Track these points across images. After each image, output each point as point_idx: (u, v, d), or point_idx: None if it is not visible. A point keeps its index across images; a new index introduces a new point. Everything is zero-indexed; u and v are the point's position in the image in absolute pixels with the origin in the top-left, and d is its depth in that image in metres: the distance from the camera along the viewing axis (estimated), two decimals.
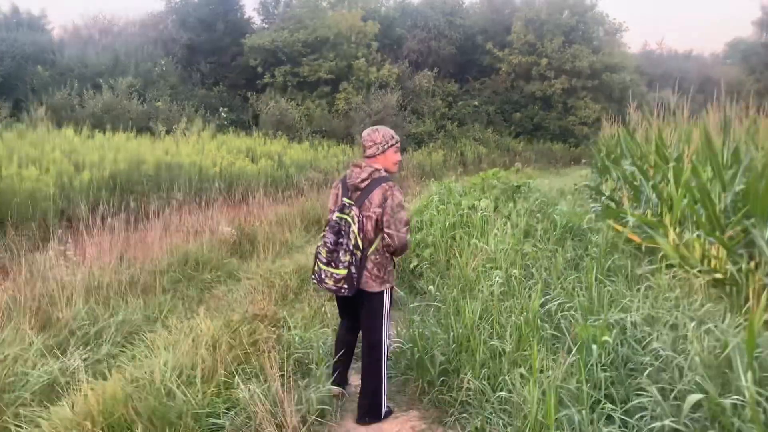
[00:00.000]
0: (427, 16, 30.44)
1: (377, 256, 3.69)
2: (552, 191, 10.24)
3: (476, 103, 29.72)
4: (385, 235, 3.63)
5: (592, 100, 30.52)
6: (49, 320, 4.91)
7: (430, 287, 5.40)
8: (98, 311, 5.15)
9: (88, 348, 4.43)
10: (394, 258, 3.88)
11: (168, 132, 17.34)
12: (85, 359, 4.04)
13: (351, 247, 3.56)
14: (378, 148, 3.80)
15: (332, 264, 3.63)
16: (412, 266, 6.52)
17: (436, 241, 6.45)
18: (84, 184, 9.09)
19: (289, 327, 4.72)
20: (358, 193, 3.69)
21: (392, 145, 3.84)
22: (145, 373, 3.50)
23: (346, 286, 3.61)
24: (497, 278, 4.75)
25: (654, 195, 6.55)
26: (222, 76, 26.72)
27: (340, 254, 3.59)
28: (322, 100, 25.43)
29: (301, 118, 23.26)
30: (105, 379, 3.55)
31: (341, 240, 3.61)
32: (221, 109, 24.00)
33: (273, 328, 4.22)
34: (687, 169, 5.48)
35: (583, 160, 24.32)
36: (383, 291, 3.77)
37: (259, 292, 5.90)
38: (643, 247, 5.55)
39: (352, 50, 26.40)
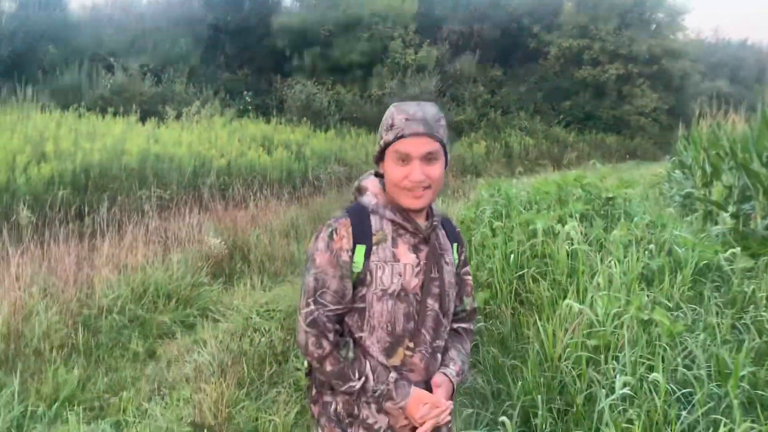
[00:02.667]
0: None
1: None
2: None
3: (522, 89, 27.19)
4: None
5: (650, 88, 27.74)
6: None
7: (480, 382, 3.26)
8: None
9: None
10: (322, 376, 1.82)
11: (178, 117, 15.48)
12: None
13: None
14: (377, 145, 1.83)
15: None
16: None
17: (495, 281, 4.29)
18: (37, 180, 7.17)
19: None
20: None
21: (387, 143, 1.77)
22: None
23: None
24: (620, 385, 2.59)
25: None
26: (248, 59, 24.87)
27: None
28: (354, 84, 23.35)
29: (330, 103, 21.21)
30: None
31: None
32: (245, 93, 22.12)
33: None
34: None
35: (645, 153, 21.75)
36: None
37: (216, 368, 3.83)
38: None
39: (388, 31, 24.23)
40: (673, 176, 10.31)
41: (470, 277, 2.05)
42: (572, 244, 4.14)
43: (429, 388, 1.80)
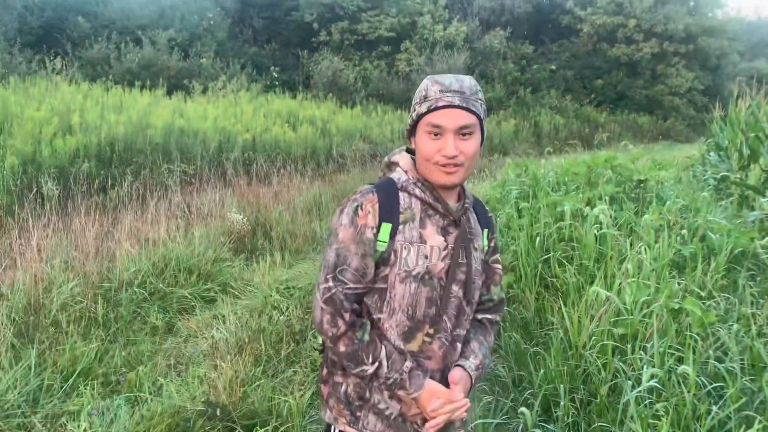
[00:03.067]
0: None
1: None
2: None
3: (553, 67, 26.63)
4: None
5: (685, 67, 26.98)
6: None
7: (500, 369, 3.16)
8: None
9: None
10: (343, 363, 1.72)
11: (205, 91, 15.48)
12: None
13: None
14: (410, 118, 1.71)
15: None
16: None
17: (520, 264, 4.17)
18: (63, 152, 7.18)
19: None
20: None
21: (420, 115, 1.65)
22: None
23: None
24: (648, 377, 2.48)
25: None
26: (275, 33, 24.73)
27: None
28: (381, 60, 23.10)
29: (357, 79, 21.00)
30: None
31: None
32: (272, 68, 22.01)
33: None
34: None
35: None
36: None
37: (234, 345, 3.78)
38: None
39: (417, 6, 23.89)
40: (708, 159, 9.98)
41: (500, 266, 1.93)
42: (601, 228, 4.00)
43: (445, 379, 1.71)
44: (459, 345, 1.77)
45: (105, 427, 2.86)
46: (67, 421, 2.96)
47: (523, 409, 2.48)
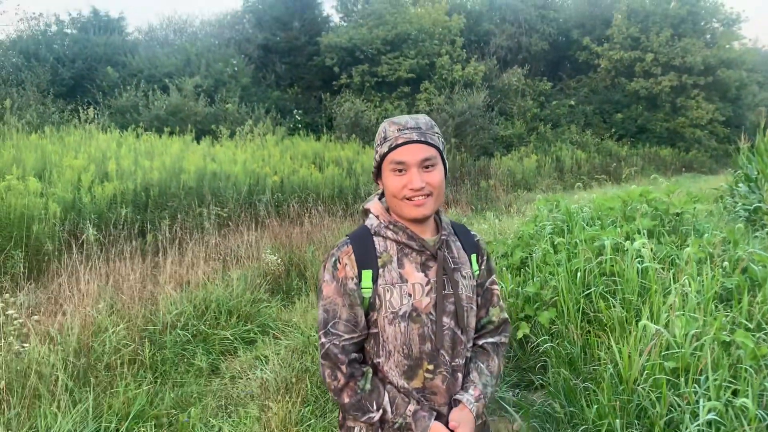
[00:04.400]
0: (518, 9, 27.90)
1: None
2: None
3: (572, 102, 26.78)
4: None
5: (705, 99, 26.96)
6: None
7: (553, 403, 3.16)
8: None
9: None
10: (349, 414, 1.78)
11: (231, 136, 15.82)
12: None
13: None
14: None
15: None
16: (519, 336, 4.29)
17: (561, 299, 4.19)
18: (101, 199, 7.39)
19: None
20: None
21: (382, 156, 1.75)
22: None
23: None
24: (706, 410, 2.48)
25: None
26: (297, 77, 25.28)
27: None
28: (402, 101, 23.43)
29: (379, 120, 21.31)
30: None
31: None
32: (295, 111, 22.46)
33: None
34: None
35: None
36: None
37: (279, 386, 3.83)
38: None
39: (435, 47, 24.31)
40: (737, 190, 9.93)
41: (497, 287, 1.97)
42: (642, 262, 4.01)
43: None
44: (460, 375, 1.80)
45: None
46: None
47: None
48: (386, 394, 1.70)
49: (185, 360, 4.63)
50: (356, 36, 23.28)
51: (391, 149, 1.69)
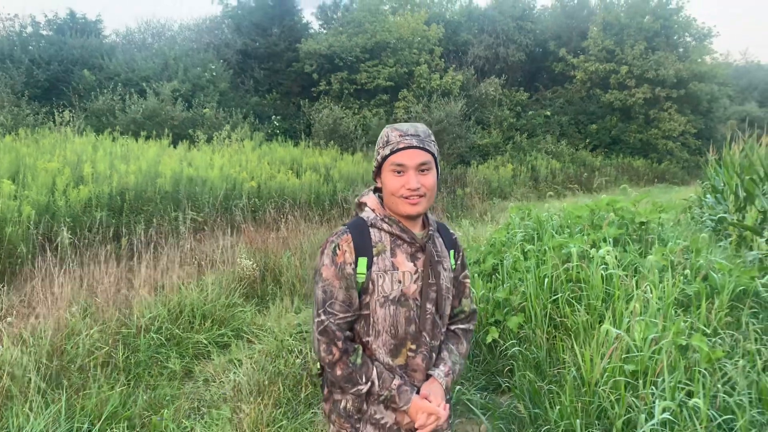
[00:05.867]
0: (495, 20, 28.26)
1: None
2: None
3: (548, 113, 27.17)
4: None
5: (677, 111, 27.55)
6: None
7: (518, 405, 3.27)
8: None
9: None
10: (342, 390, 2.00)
11: (209, 140, 15.79)
12: None
13: None
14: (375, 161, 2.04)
15: None
16: (489, 341, 4.40)
17: (529, 305, 4.31)
18: (76, 202, 7.35)
19: None
20: None
21: (384, 157, 1.95)
22: None
23: None
24: (660, 410, 2.59)
25: None
26: (276, 83, 25.27)
27: None
28: (380, 108, 23.57)
29: (357, 127, 21.42)
30: None
31: None
32: (273, 117, 22.47)
33: None
34: None
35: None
36: None
37: (252, 389, 3.88)
38: None
39: (414, 56, 24.53)
40: (705, 201, 10.19)
41: (468, 281, 2.20)
42: (607, 269, 4.15)
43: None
44: (434, 355, 2.04)
45: None
46: None
47: None
48: (375, 368, 1.90)
49: (159, 363, 4.65)
50: (335, 43, 23.37)
51: (392, 152, 1.90)
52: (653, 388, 2.93)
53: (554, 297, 4.25)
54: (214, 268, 6.95)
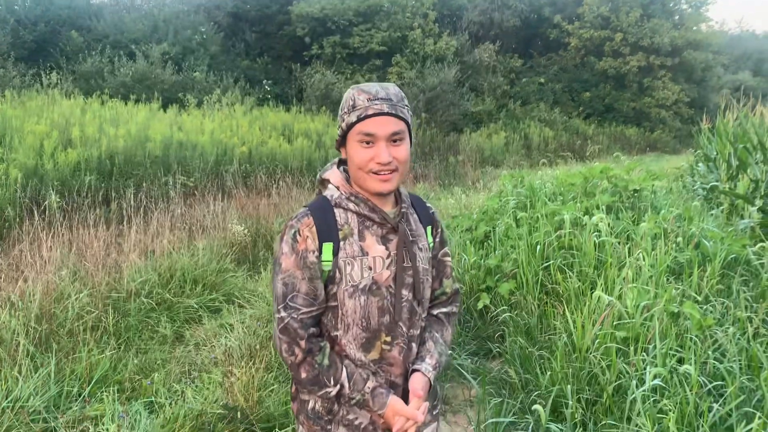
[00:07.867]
0: None
1: None
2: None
3: (542, 80, 26.98)
4: None
5: (671, 80, 27.41)
6: None
7: (509, 371, 3.29)
8: None
9: None
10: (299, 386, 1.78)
11: (199, 105, 15.58)
12: None
13: None
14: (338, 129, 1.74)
15: None
16: (480, 307, 4.41)
17: (521, 272, 4.31)
18: (65, 165, 7.25)
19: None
20: None
21: (350, 125, 1.66)
22: None
23: None
24: (652, 377, 2.61)
25: None
26: (268, 47, 24.88)
27: None
28: (373, 74, 23.27)
29: None
30: None
31: None
32: (264, 81, 22.16)
33: None
34: None
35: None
36: None
37: (243, 353, 3.88)
38: None
39: (408, 20, 24.15)
40: (697, 169, 10.21)
41: (449, 258, 1.96)
42: (599, 236, 4.14)
43: (407, 382, 1.76)
44: (415, 346, 1.79)
45: (129, 430, 2.95)
46: (90, 426, 3.04)
47: (537, 406, 2.60)
48: (344, 369, 1.68)
49: (149, 327, 4.64)
50: (328, 6, 22.97)
51: (359, 119, 1.61)
52: (644, 354, 2.94)
53: (546, 264, 4.25)
54: (206, 234, 6.90)
